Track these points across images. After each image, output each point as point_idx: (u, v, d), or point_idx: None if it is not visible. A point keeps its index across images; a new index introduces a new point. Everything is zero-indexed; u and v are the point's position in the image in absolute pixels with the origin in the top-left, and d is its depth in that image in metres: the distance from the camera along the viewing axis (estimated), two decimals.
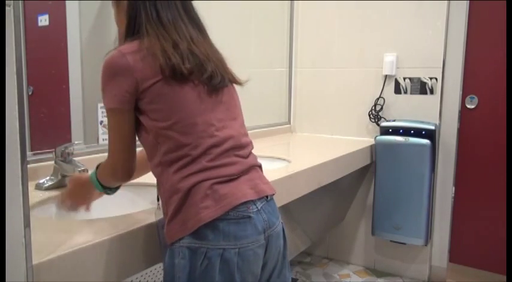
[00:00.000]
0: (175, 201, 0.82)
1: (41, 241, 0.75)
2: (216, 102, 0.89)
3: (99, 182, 0.94)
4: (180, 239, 0.81)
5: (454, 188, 2.33)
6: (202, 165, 0.83)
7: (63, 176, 1.20)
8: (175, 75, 0.83)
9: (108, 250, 0.80)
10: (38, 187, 1.17)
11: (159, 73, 0.82)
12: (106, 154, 0.90)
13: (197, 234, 0.80)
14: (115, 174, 0.90)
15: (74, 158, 1.22)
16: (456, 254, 2.38)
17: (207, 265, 0.79)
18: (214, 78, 0.88)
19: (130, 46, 0.84)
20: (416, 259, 2.38)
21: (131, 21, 0.88)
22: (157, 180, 0.89)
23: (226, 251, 0.80)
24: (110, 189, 0.97)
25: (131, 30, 0.88)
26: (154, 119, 0.84)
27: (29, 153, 1.25)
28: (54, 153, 1.21)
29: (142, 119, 0.86)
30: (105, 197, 1.17)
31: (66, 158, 1.21)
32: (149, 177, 1.24)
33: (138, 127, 0.88)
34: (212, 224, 0.80)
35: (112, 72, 0.82)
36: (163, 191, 0.86)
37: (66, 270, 0.71)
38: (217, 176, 0.83)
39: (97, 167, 0.95)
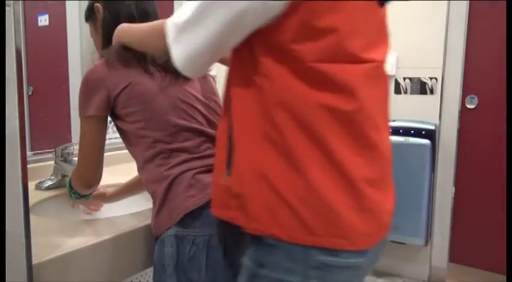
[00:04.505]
0: (160, 193, 0.85)
1: (41, 241, 0.75)
2: (183, 93, 0.92)
3: (70, 186, 0.98)
4: (167, 229, 0.84)
5: (454, 188, 2.33)
6: (183, 157, 0.87)
7: (63, 176, 1.20)
8: (129, 63, 0.88)
9: (108, 250, 0.80)
10: (38, 187, 1.17)
11: (126, 79, 0.87)
12: (106, 154, 0.91)
13: (183, 222, 0.83)
14: (81, 182, 0.94)
15: (74, 158, 1.22)
16: (456, 254, 2.38)
17: (195, 252, 0.82)
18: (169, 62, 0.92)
19: (104, 60, 0.91)
20: (416, 259, 2.37)
21: (104, 36, 0.97)
22: (144, 182, 0.92)
23: (212, 238, 0.83)
24: (79, 196, 1.00)
25: (105, 44, 0.96)
26: (130, 121, 0.89)
27: (29, 153, 1.25)
28: (54, 153, 1.21)
29: (121, 124, 0.91)
30: None
31: (66, 158, 1.21)
32: None
33: (121, 134, 0.94)
34: (197, 212, 0.83)
35: (87, 85, 0.89)
36: (149, 187, 0.90)
37: (66, 270, 0.71)
38: (199, 166, 0.87)
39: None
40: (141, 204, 1.12)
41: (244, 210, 0.70)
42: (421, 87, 2.26)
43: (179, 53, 0.72)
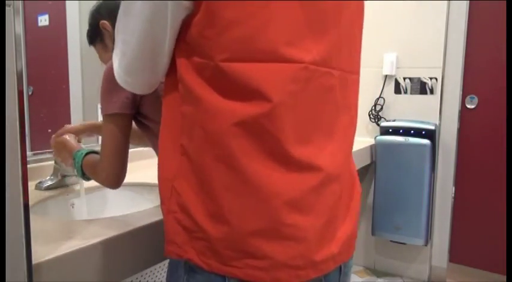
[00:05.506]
0: None
1: (41, 241, 0.75)
2: None
3: (82, 169, 0.93)
4: None
5: (454, 188, 2.33)
6: None
7: (63, 176, 1.20)
8: None
9: (108, 250, 0.80)
10: (38, 187, 1.17)
11: None
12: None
13: None
14: (105, 185, 0.89)
15: None
16: (456, 254, 2.38)
17: None
18: None
19: None
20: (416, 259, 2.38)
21: None
22: None
23: None
24: (88, 178, 0.96)
25: None
26: (159, 121, 0.84)
27: (29, 153, 1.25)
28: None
29: (149, 123, 0.88)
30: (105, 197, 1.18)
31: None
32: (150, 177, 1.24)
33: (145, 132, 0.91)
34: None
35: (110, 79, 0.82)
36: None
37: (66, 270, 0.71)
38: None
39: (87, 153, 0.95)
40: (141, 204, 1.12)
41: (165, 228, 0.66)
42: (421, 87, 2.26)
43: (116, 66, 0.70)
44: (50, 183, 1.18)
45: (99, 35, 0.96)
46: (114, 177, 0.87)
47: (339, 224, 0.67)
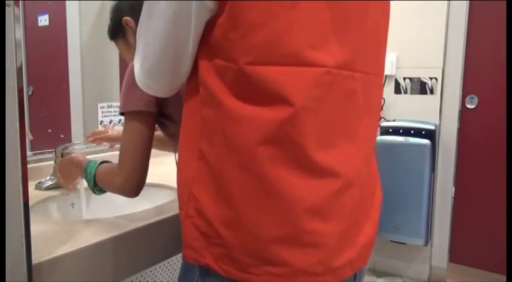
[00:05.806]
0: None
1: (41, 241, 0.75)
2: None
3: (94, 181, 0.89)
4: None
5: (454, 188, 2.33)
6: None
7: None
8: None
9: (108, 250, 0.80)
10: (38, 187, 1.17)
11: None
12: (105, 154, 0.90)
13: None
14: (123, 192, 0.84)
15: None
16: (456, 254, 2.38)
17: None
18: None
19: None
20: (416, 259, 2.37)
21: None
22: None
23: None
24: (100, 191, 0.92)
25: None
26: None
27: (29, 153, 1.25)
28: (54, 153, 1.21)
29: (172, 124, 0.86)
30: (106, 197, 1.17)
31: None
32: (150, 177, 1.24)
33: (171, 137, 0.89)
34: None
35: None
36: None
37: (66, 270, 0.71)
38: None
39: (100, 162, 0.91)
40: (141, 204, 1.12)
41: (182, 233, 0.66)
42: (421, 87, 2.26)
43: (137, 70, 0.68)
44: (50, 183, 1.18)
45: (121, 31, 0.94)
46: (135, 180, 0.80)
47: (358, 230, 0.67)
